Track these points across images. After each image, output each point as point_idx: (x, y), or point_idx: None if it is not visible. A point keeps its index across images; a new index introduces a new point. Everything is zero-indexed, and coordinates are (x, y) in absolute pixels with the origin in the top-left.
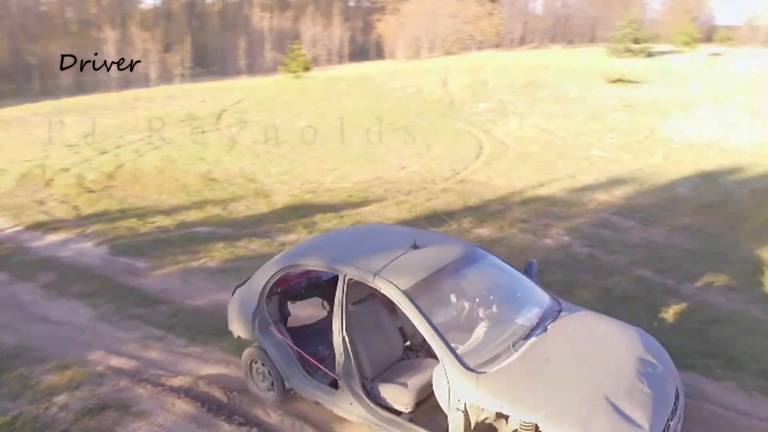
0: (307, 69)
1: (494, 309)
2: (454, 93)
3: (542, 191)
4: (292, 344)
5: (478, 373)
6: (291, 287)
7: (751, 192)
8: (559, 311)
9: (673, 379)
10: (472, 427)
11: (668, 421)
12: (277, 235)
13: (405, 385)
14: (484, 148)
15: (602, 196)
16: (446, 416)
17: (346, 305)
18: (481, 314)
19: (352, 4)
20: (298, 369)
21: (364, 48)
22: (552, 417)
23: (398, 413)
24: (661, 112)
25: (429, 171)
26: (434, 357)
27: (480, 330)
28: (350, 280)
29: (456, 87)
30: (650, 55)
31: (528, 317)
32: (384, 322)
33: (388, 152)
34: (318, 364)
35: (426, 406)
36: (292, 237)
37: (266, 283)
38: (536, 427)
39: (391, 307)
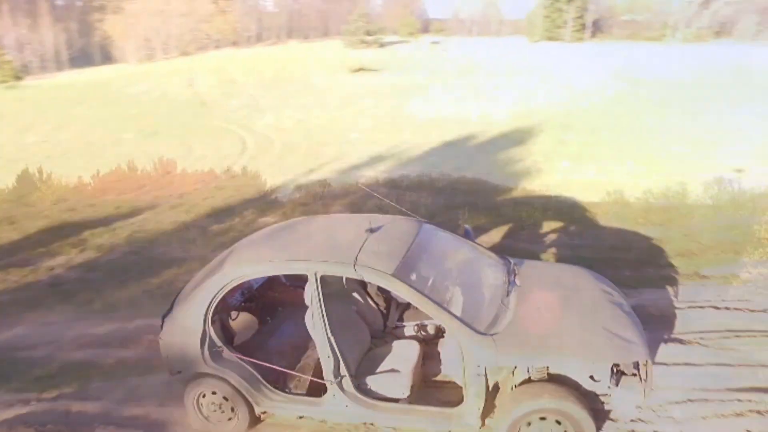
0: (18, 78)
1: (467, 275)
2: (204, 93)
3: (314, 176)
4: (263, 363)
5: (492, 335)
6: (228, 304)
7: (485, 153)
8: (514, 265)
9: (626, 301)
10: (489, 389)
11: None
12: (42, 260)
13: (396, 371)
14: (248, 144)
15: (369, 173)
16: (439, 388)
17: (324, 304)
18: (459, 282)
19: (60, 2)
20: (268, 389)
21: (86, 52)
22: (572, 356)
23: (395, 401)
24: (401, 94)
25: (197, 171)
26: (401, 338)
27: (467, 296)
28: (321, 276)
29: (204, 87)
30: (382, 45)
31: (496, 276)
32: (350, 314)
33: (147, 159)
34: (305, 375)
35: (416, 385)
36: (60, 259)
37: (210, 304)
38: (547, 369)
39: (348, 297)
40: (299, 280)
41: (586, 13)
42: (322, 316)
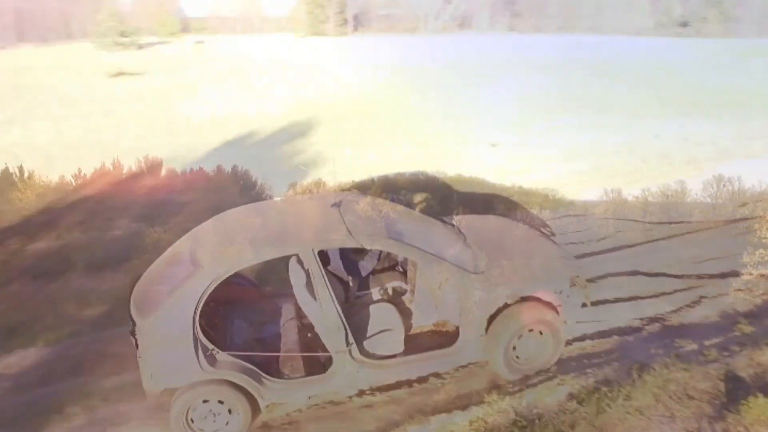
0: None
1: (427, 230)
2: None
3: (86, 191)
4: (264, 353)
5: (482, 273)
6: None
7: (270, 148)
8: (450, 219)
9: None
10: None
11: None
12: None
13: (389, 330)
14: None
15: (145, 181)
16: (416, 339)
17: (327, 278)
18: (427, 236)
19: None
20: (270, 380)
21: None
22: (545, 278)
23: (393, 357)
24: (171, 97)
25: None
26: (367, 304)
27: (441, 246)
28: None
29: None
30: (141, 47)
31: (446, 229)
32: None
33: None
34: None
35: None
36: None
37: (197, 307)
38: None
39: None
40: (235, 276)
41: (347, 8)
42: (328, 289)
